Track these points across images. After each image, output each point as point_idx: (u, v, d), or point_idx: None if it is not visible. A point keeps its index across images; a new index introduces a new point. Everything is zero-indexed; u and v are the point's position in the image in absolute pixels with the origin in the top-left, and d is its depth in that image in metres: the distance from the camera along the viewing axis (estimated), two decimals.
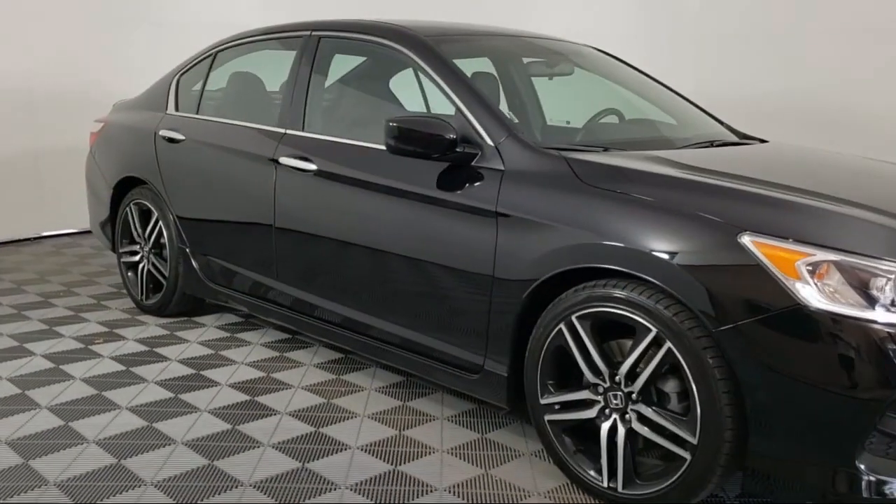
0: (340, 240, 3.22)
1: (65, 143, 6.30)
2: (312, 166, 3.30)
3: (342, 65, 3.66)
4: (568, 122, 3.97)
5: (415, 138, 2.78)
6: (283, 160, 3.43)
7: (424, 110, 4.38)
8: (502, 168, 2.74)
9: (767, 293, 2.12)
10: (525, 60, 3.94)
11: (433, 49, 3.13)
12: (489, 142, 2.81)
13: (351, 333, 3.30)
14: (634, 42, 5.74)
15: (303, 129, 3.47)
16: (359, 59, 3.74)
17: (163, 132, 4.16)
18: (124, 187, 4.47)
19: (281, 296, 3.59)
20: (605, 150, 2.87)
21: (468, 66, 3.36)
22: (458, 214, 2.79)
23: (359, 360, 3.71)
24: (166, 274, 4.21)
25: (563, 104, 4.15)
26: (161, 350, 3.82)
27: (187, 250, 4.07)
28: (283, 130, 3.53)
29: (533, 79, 3.81)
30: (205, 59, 4.21)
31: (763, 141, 3.45)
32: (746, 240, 2.18)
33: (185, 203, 4.03)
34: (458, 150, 2.79)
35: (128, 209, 4.41)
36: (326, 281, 3.36)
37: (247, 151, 3.65)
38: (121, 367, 3.57)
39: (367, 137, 3.23)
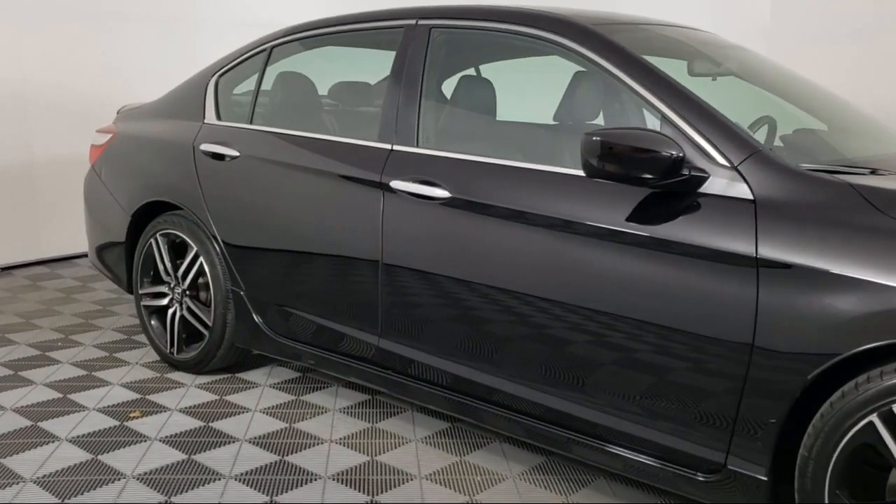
0: (487, 287, 2.47)
1: (46, 159, 5.37)
2: (442, 193, 2.55)
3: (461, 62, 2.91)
4: None
5: (626, 157, 2.08)
6: (397, 184, 2.66)
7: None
8: (750, 197, 2.04)
9: None
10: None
11: (614, 43, 2.41)
12: (723, 161, 2.11)
13: (489, 406, 2.56)
14: None
15: (417, 145, 2.71)
16: (484, 55, 3.00)
17: (205, 147, 3.33)
18: (146, 214, 3.62)
19: (384, 355, 2.82)
20: (873, 171, 2.20)
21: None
22: (686, 261, 2.08)
23: (509, 440, 2.97)
24: (208, 322, 3.38)
25: None
26: (220, 426, 3.00)
27: (241, 293, 3.25)
28: (387, 146, 2.76)
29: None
30: (254, 55, 3.40)
31: None
32: None
33: (240, 235, 3.21)
34: (683, 172, 2.08)
35: (152, 241, 3.55)
36: (457, 339, 2.60)
37: (335, 173, 2.87)
38: (181, 455, 2.74)
39: (523, 156, 2.51)
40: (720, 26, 5.30)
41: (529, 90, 3.82)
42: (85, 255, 5.73)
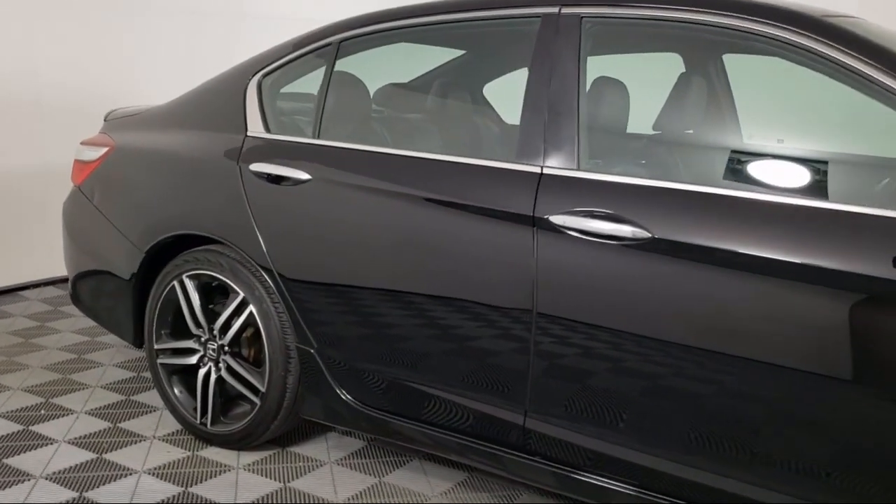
0: (712, 355, 1.90)
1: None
2: (636, 232, 1.95)
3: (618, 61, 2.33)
4: (781, 141, 2.85)
5: None
6: (560, 220, 2.06)
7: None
8: None
9: None
10: None
11: (878, 44, 1.88)
12: None
13: None
14: None
15: (578, 167, 2.11)
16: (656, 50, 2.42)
17: (257, 167, 2.62)
18: (165, 250, 2.88)
19: (530, 438, 2.20)
20: None
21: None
22: None
23: None
24: (260, 387, 2.67)
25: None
26: None
27: (312, 352, 2.57)
28: (534, 169, 2.15)
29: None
30: (314, 51, 2.70)
31: None
32: None
33: (314, 279, 2.53)
34: None
35: (176, 284, 2.81)
36: (648, 421, 2.02)
37: (459, 202, 2.24)
38: None
39: (749, 184, 1.95)
40: None
41: None
42: (30, 287, 4.85)
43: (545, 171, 2.13)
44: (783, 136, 2.30)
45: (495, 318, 2.19)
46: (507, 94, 3.09)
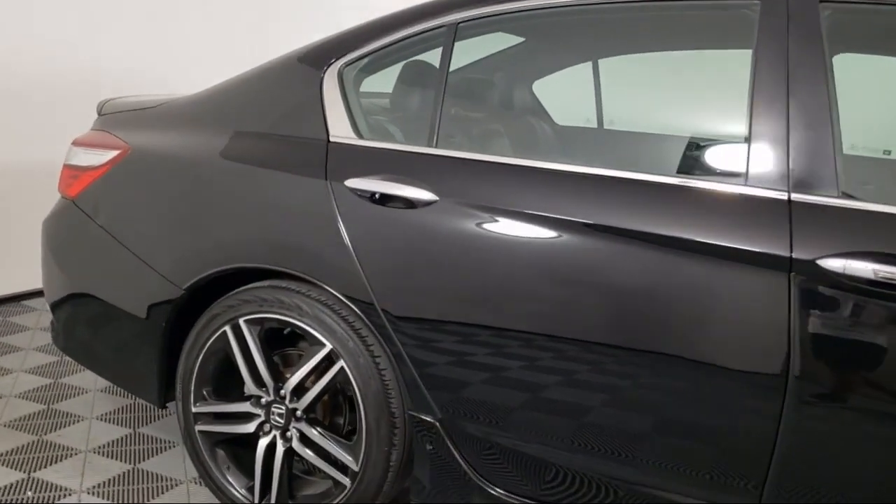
0: None
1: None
2: None
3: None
4: (889, 153, 2.52)
5: None
6: (831, 264, 1.57)
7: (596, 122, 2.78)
8: None
9: None
10: None
11: None
12: None
13: None
14: None
15: (838, 194, 1.64)
16: None
17: (356, 183, 2.01)
18: (208, 288, 2.24)
19: None
20: None
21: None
22: None
23: None
24: (352, 464, 2.08)
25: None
26: None
27: (434, 422, 1.99)
28: (777, 195, 1.66)
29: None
30: (421, 34, 2.11)
31: None
32: None
33: (443, 329, 1.94)
34: None
35: (227, 330, 2.17)
36: None
37: (668, 235, 1.72)
38: None
39: None
40: None
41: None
42: None
43: (794, 197, 1.64)
44: None
45: (720, 386, 1.69)
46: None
